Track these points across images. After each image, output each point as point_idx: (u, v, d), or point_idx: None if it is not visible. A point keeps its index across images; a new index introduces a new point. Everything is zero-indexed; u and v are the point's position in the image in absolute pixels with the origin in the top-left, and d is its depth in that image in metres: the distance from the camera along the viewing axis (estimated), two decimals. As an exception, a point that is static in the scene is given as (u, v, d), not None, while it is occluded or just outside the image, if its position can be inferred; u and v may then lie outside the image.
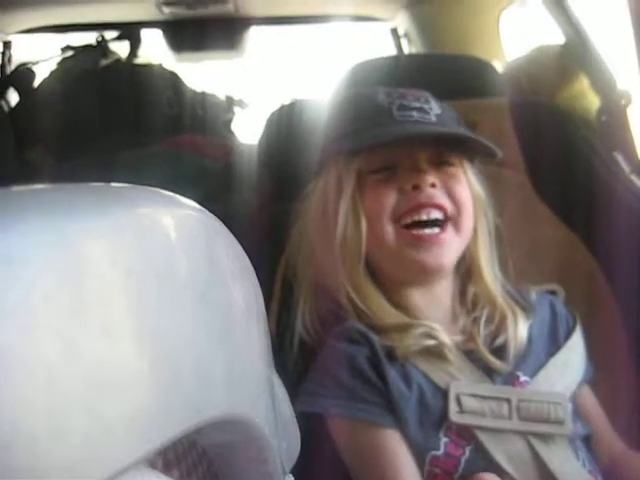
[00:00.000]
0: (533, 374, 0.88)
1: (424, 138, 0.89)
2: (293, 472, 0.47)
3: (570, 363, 0.91)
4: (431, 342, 0.85)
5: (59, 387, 0.22)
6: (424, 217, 0.86)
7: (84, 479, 0.22)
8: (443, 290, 0.91)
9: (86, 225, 0.25)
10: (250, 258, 0.38)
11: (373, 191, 0.88)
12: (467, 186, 0.90)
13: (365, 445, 0.81)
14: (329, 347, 0.86)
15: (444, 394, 0.83)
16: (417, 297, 0.90)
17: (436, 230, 0.87)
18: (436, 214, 0.87)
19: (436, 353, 0.85)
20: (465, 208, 0.88)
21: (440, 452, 0.81)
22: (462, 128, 0.94)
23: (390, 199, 0.87)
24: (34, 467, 0.21)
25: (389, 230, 0.87)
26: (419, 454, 0.80)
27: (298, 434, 0.51)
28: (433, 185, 0.87)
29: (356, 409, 0.81)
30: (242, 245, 0.37)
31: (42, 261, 0.23)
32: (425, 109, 0.90)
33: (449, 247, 0.87)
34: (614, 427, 0.93)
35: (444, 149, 0.90)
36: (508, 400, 0.83)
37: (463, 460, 0.81)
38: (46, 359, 0.21)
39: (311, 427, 0.69)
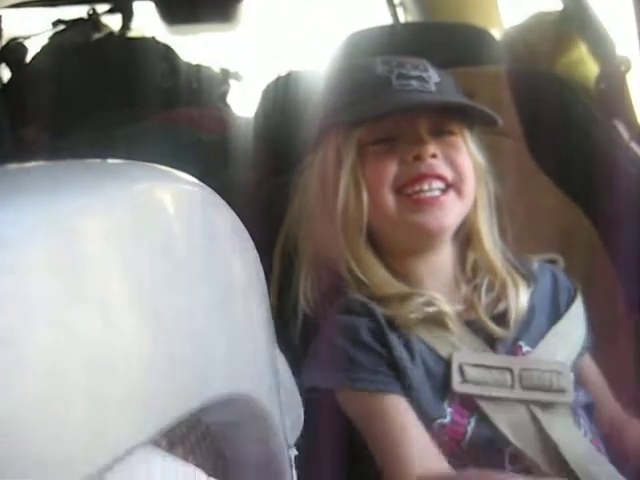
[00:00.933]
0: (535, 343, 0.88)
1: (424, 108, 0.88)
2: (297, 445, 0.47)
3: (571, 332, 0.91)
4: (432, 309, 0.85)
5: (57, 373, 0.21)
6: (425, 187, 0.86)
7: (87, 464, 0.22)
8: (444, 259, 0.91)
9: (80, 204, 0.24)
10: (248, 232, 0.37)
11: (374, 162, 0.88)
12: (468, 155, 0.90)
13: (375, 413, 0.81)
14: (331, 320, 0.86)
15: (447, 364, 0.83)
16: (418, 267, 0.90)
17: (437, 193, 0.86)
18: (438, 184, 0.86)
19: (438, 322, 0.85)
20: (466, 175, 0.88)
21: (447, 420, 0.81)
22: (462, 96, 0.93)
23: (391, 169, 0.86)
24: (35, 455, 0.21)
25: (390, 200, 0.87)
26: (427, 422, 0.81)
27: (301, 408, 0.51)
28: (434, 155, 0.86)
29: (362, 380, 0.81)
30: (240, 219, 0.36)
31: (36, 243, 0.22)
32: (424, 77, 0.89)
33: (450, 209, 0.87)
34: (615, 395, 0.94)
35: (444, 118, 0.89)
36: (510, 369, 0.84)
37: (469, 428, 0.81)
38: (43, 345, 0.21)
39: (314, 399, 0.69)
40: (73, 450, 0.21)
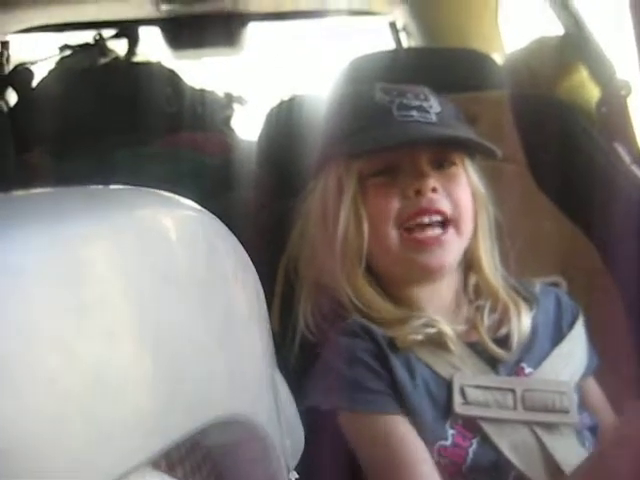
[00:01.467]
0: (537, 365, 0.88)
1: (425, 141, 0.88)
2: (297, 469, 0.47)
3: (574, 353, 0.91)
4: (432, 330, 0.85)
5: (60, 393, 0.22)
6: (426, 220, 0.86)
7: (87, 483, 0.22)
8: (445, 285, 0.91)
9: (84, 230, 0.25)
10: (250, 256, 0.38)
11: (375, 196, 0.88)
12: (467, 187, 0.90)
13: (376, 434, 0.81)
14: (332, 342, 0.87)
15: (448, 385, 0.83)
16: (418, 293, 0.90)
17: (437, 232, 0.87)
18: (437, 217, 0.87)
19: (438, 343, 0.85)
20: (465, 211, 0.89)
21: (448, 442, 0.81)
22: (463, 126, 0.94)
23: (394, 205, 0.87)
24: (36, 472, 0.21)
25: (393, 235, 0.87)
26: (427, 444, 0.80)
27: (302, 431, 0.51)
28: (434, 190, 0.87)
29: (362, 401, 0.81)
30: (242, 243, 0.37)
31: (40, 268, 0.22)
32: (425, 108, 0.89)
33: (450, 248, 0.87)
34: (619, 418, 0.93)
35: (445, 149, 0.90)
36: (513, 390, 0.83)
37: (471, 451, 0.81)
38: (47, 366, 0.21)
39: (315, 422, 0.69)
40: (72, 470, 0.22)
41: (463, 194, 0.89)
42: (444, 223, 0.87)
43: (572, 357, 0.91)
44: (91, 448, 0.22)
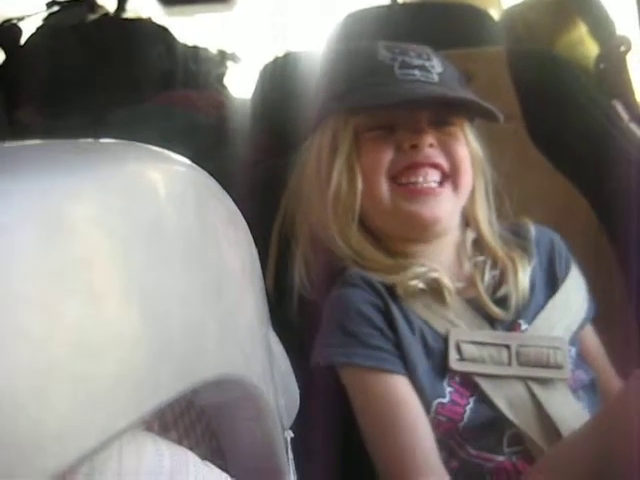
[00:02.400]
0: (533, 319, 0.88)
1: (427, 101, 0.87)
2: (293, 428, 0.47)
3: (570, 303, 0.91)
4: (433, 275, 0.84)
5: (45, 354, 0.21)
6: (420, 179, 0.85)
7: (77, 446, 0.21)
8: (444, 243, 0.90)
9: (69, 184, 0.24)
10: (245, 214, 0.37)
11: (370, 148, 0.87)
12: (465, 145, 0.89)
13: (376, 392, 0.81)
14: (333, 296, 0.86)
15: (444, 341, 0.83)
16: (416, 250, 0.89)
17: (433, 185, 0.86)
18: (433, 176, 0.86)
19: (436, 296, 0.85)
20: (463, 166, 0.88)
21: (446, 400, 0.81)
22: (464, 88, 0.92)
23: (387, 156, 0.86)
24: (24, 435, 0.20)
25: (384, 187, 0.86)
26: (426, 401, 0.81)
27: (297, 390, 0.50)
28: (431, 145, 0.86)
29: (367, 357, 0.81)
30: (236, 201, 0.36)
31: (23, 225, 0.22)
32: (427, 67, 0.88)
33: (445, 201, 0.86)
34: (617, 371, 0.93)
35: (445, 109, 0.88)
36: (507, 346, 0.84)
37: (468, 409, 0.81)
38: (30, 326, 0.21)
39: (310, 381, 0.69)
40: (62, 431, 0.21)
41: (461, 151, 0.88)
42: (441, 181, 0.86)
43: (568, 307, 0.90)
44: (79, 409, 0.22)
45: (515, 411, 0.81)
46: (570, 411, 0.83)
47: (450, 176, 0.87)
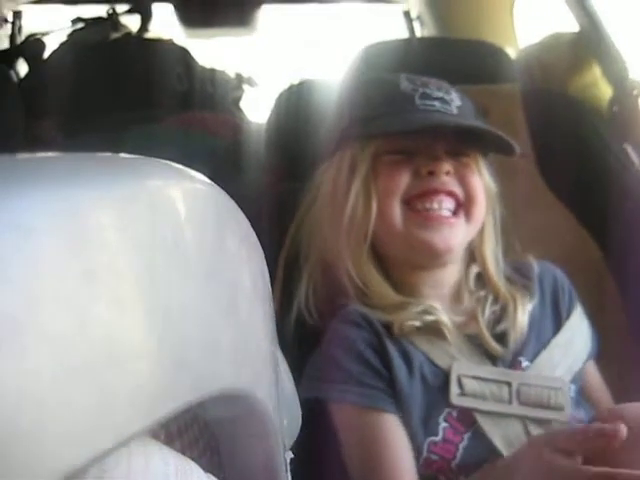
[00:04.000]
0: (534, 357, 0.88)
1: (445, 128, 0.88)
2: (293, 449, 0.47)
3: (573, 342, 0.91)
4: (430, 318, 0.85)
5: (66, 356, 0.22)
6: (435, 205, 0.86)
7: (90, 446, 0.22)
8: (447, 274, 0.91)
9: (96, 194, 0.25)
10: (258, 237, 0.38)
11: (387, 171, 0.88)
12: (480, 177, 0.90)
13: (365, 429, 0.81)
14: (331, 331, 0.87)
15: (445, 376, 0.83)
16: (420, 279, 0.90)
17: (447, 213, 0.86)
18: (448, 204, 0.86)
19: (436, 332, 0.85)
20: (477, 197, 0.88)
21: (438, 438, 0.81)
22: (482, 122, 0.93)
23: (404, 180, 0.87)
24: (40, 433, 0.21)
25: (398, 210, 0.87)
26: (417, 440, 0.81)
27: (299, 412, 0.51)
28: (447, 173, 0.87)
29: (358, 394, 0.81)
30: (250, 223, 0.37)
31: (51, 229, 0.22)
32: (446, 100, 0.90)
33: (458, 230, 0.87)
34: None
35: (461, 141, 0.90)
36: (509, 383, 0.84)
37: (461, 447, 0.81)
38: (53, 328, 0.21)
39: (312, 408, 0.69)
40: (75, 433, 0.22)
41: (476, 182, 0.89)
42: (455, 211, 0.87)
43: (571, 346, 0.90)
44: (95, 412, 0.22)
45: (511, 450, 0.81)
46: None
47: (464, 206, 0.87)
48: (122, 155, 0.31)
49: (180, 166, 0.31)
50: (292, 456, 0.45)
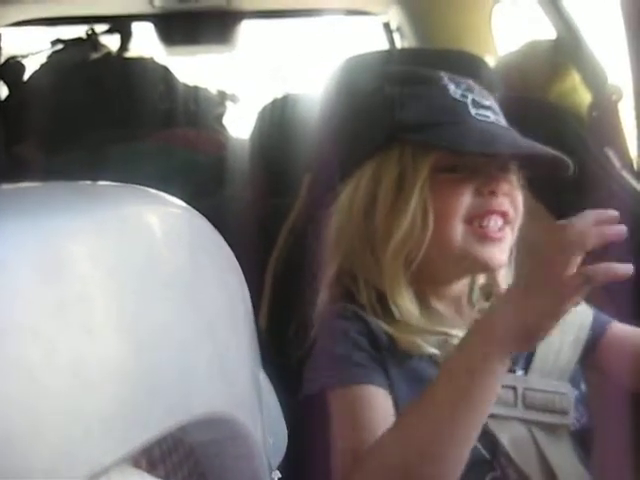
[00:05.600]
0: (527, 366, 0.87)
1: (518, 150, 0.86)
2: (280, 469, 0.47)
3: (562, 349, 0.90)
4: (435, 352, 0.84)
5: (39, 387, 0.22)
6: (491, 223, 0.84)
7: (65, 478, 0.22)
8: (460, 285, 0.91)
9: (68, 225, 0.25)
10: (241, 253, 0.38)
11: (448, 190, 0.85)
12: (521, 192, 0.89)
13: (353, 402, 0.80)
14: (322, 326, 0.86)
15: None
16: (431, 291, 0.89)
17: (498, 229, 0.85)
18: (499, 221, 0.85)
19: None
20: (520, 214, 0.87)
21: None
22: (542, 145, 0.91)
23: (466, 200, 0.84)
24: (13, 467, 0.21)
25: (459, 230, 0.84)
26: None
27: (285, 430, 0.51)
28: (505, 193, 0.85)
29: (350, 374, 0.80)
30: (234, 240, 0.37)
31: (23, 261, 0.22)
32: (494, 109, 0.88)
33: (507, 245, 0.86)
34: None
35: (516, 159, 0.88)
36: (514, 388, 0.84)
37: None
38: (26, 359, 0.21)
39: (299, 423, 0.68)
40: (51, 465, 0.22)
41: (520, 200, 0.88)
42: (502, 226, 0.86)
43: (561, 347, 0.89)
44: (70, 443, 0.22)
45: (516, 450, 0.81)
46: (569, 462, 0.83)
47: (510, 223, 0.86)
48: (96, 183, 0.31)
49: (154, 191, 0.31)
50: (279, 476, 0.45)
